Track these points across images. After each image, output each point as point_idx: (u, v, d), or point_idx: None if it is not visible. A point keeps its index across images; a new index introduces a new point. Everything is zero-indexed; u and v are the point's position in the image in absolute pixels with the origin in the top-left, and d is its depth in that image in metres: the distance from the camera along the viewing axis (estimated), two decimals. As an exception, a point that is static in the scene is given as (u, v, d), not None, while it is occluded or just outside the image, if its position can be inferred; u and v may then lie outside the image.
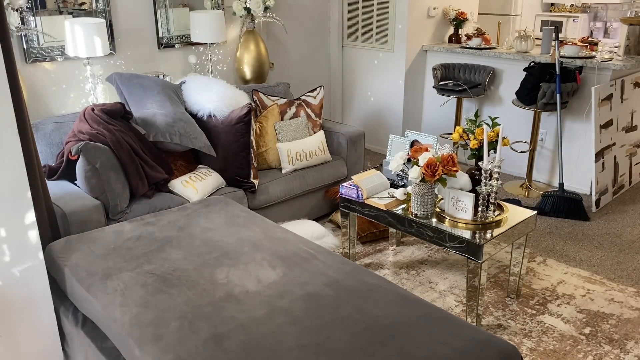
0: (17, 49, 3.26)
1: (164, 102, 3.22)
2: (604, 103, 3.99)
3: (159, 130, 3.06)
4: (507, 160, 4.62)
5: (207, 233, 2.43)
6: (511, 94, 4.36)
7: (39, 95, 3.44)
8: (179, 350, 1.66)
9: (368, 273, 2.10)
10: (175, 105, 3.27)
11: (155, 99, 3.22)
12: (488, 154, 2.48)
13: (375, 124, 5.31)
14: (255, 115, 3.62)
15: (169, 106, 3.21)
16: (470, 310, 2.56)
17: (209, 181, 3.17)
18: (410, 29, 4.84)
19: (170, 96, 3.30)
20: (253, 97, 3.74)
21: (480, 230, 2.51)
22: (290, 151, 3.58)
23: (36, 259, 2.14)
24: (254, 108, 3.66)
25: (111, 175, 2.78)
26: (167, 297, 1.94)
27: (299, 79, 4.99)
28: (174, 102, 3.30)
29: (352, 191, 2.91)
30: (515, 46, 4.49)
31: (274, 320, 1.80)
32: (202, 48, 4.16)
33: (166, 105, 3.21)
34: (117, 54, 3.74)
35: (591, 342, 2.55)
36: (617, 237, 3.59)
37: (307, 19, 5.10)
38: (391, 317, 1.82)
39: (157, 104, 3.19)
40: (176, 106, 3.27)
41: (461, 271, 3.15)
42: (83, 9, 3.52)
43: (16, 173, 2.02)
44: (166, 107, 3.19)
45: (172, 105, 3.24)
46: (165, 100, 3.24)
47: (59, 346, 2.29)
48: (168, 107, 3.20)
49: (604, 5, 6.90)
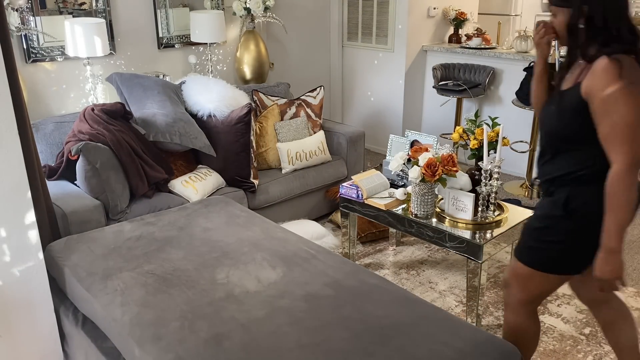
0: (17, 49, 3.26)
1: (164, 102, 3.22)
2: (604, 103, 3.98)
3: (159, 130, 3.06)
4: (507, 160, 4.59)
5: (207, 233, 2.43)
6: (511, 94, 4.36)
7: (39, 95, 3.44)
8: (179, 350, 1.66)
9: (368, 273, 2.10)
10: (175, 105, 3.27)
11: (155, 99, 3.22)
12: (488, 154, 2.48)
13: (375, 124, 5.31)
14: (255, 115, 3.61)
15: (169, 106, 3.21)
16: (470, 310, 2.55)
17: (209, 181, 3.17)
18: (410, 29, 4.83)
19: (170, 96, 3.30)
20: (253, 97, 3.74)
21: (480, 230, 2.51)
22: (290, 151, 3.58)
23: (36, 259, 2.13)
24: (254, 108, 3.66)
25: (111, 175, 2.77)
26: (167, 297, 1.94)
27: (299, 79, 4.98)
28: (174, 102, 3.30)
29: (352, 191, 2.90)
30: (515, 46, 4.48)
31: (274, 320, 1.80)
32: (202, 48, 4.16)
33: (166, 105, 3.21)
34: (117, 54, 3.74)
35: (591, 342, 2.55)
36: (617, 237, 3.59)
37: (307, 19, 5.10)
38: (391, 317, 1.82)
39: (157, 104, 3.19)
40: (176, 106, 3.27)
41: (461, 271, 3.15)
42: (83, 9, 3.52)
43: (16, 173, 2.02)
44: (166, 107, 3.19)
45: (172, 105, 3.24)
46: (165, 100, 3.24)
47: (59, 346, 2.29)
48: (168, 107, 3.20)
49: (604, 5, 6.90)
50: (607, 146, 1.62)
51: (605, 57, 1.59)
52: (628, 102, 1.56)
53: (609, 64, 1.57)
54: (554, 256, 1.81)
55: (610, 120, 1.59)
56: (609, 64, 1.57)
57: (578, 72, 1.70)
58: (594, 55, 1.62)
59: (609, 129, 1.60)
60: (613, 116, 1.58)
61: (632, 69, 1.58)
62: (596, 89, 1.60)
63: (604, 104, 1.59)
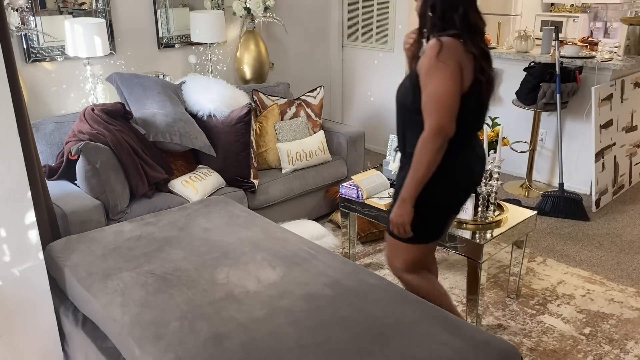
0: (17, 49, 3.26)
1: (164, 102, 3.22)
2: (604, 103, 3.99)
3: (159, 130, 3.06)
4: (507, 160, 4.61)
5: (207, 233, 2.43)
6: (511, 94, 4.36)
7: (39, 95, 3.44)
8: (179, 350, 1.66)
9: (368, 273, 2.10)
10: (175, 105, 3.27)
11: (156, 99, 3.22)
12: (488, 154, 2.48)
13: (375, 124, 5.31)
14: (255, 115, 3.61)
15: (169, 106, 3.21)
16: (470, 310, 2.55)
17: (209, 181, 3.17)
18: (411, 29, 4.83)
19: (170, 96, 3.30)
20: (253, 97, 3.74)
21: (480, 230, 2.51)
22: (290, 151, 3.58)
23: (36, 259, 2.13)
24: (254, 108, 3.66)
25: (111, 175, 2.77)
26: (167, 297, 1.94)
27: (299, 79, 4.98)
28: (174, 102, 3.30)
29: (352, 191, 2.91)
30: (515, 46, 4.48)
31: (274, 320, 1.80)
32: (202, 48, 4.16)
33: (166, 105, 3.21)
34: (117, 53, 3.74)
35: (591, 342, 2.55)
36: (617, 237, 3.59)
37: (307, 19, 5.10)
38: (391, 317, 1.82)
39: (157, 104, 3.19)
40: (176, 106, 3.27)
41: (461, 271, 3.15)
42: (83, 8, 3.52)
43: (16, 173, 2.02)
44: (166, 107, 3.19)
45: (172, 105, 3.24)
46: (165, 100, 3.24)
47: (59, 346, 2.29)
48: (168, 107, 3.19)
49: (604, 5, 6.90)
50: (424, 114, 1.88)
51: (434, 38, 1.86)
52: (438, 76, 1.82)
53: (432, 44, 1.85)
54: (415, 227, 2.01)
55: (426, 92, 1.86)
56: (432, 43, 1.85)
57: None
58: (429, 37, 1.93)
59: (425, 99, 1.87)
60: (428, 88, 1.85)
61: (452, 50, 1.83)
62: (422, 65, 1.88)
63: (424, 78, 1.87)
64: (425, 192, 1.94)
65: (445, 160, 1.90)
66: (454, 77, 1.82)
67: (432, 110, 1.84)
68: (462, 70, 1.84)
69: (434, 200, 1.99)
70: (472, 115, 1.97)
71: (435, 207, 2.02)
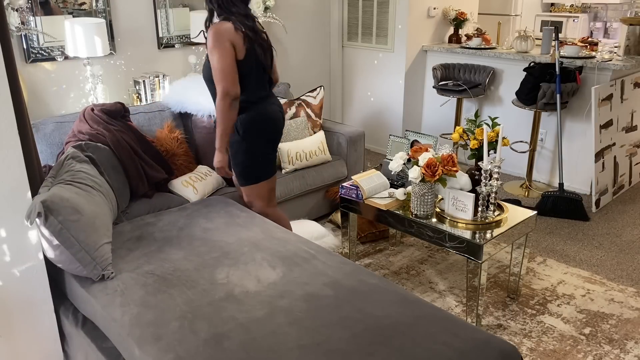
0: (17, 49, 3.26)
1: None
2: (604, 103, 3.99)
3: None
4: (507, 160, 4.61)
5: (207, 233, 2.43)
6: (511, 94, 4.36)
7: (39, 95, 3.44)
8: (179, 350, 1.66)
9: (368, 273, 2.10)
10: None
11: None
12: (488, 154, 2.48)
13: (375, 124, 5.31)
14: (255, 115, 3.61)
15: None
16: (470, 310, 2.55)
17: (209, 181, 3.17)
18: (410, 29, 4.83)
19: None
20: (253, 97, 3.74)
21: (480, 230, 2.51)
22: (290, 151, 3.58)
23: (36, 259, 2.14)
24: (254, 108, 3.66)
25: (111, 175, 2.77)
26: (167, 297, 1.94)
27: (299, 79, 4.99)
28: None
29: (352, 191, 2.90)
30: (515, 46, 4.48)
31: (274, 320, 1.80)
32: (202, 48, 4.16)
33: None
34: (117, 54, 3.74)
35: (591, 342, 2.55)
36: (617, 237, 3.59)
37: (307, 19, 5.10)
38: (391, 317, 1.82)
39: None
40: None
41: (461, 271, 3.15)
42: (83, 9, 3.52)
43: (16, 173, 2.02)
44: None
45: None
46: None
47: (59, 346, 2.29)
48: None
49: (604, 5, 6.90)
50: (215, 83, 2.47)
51: (212, 25, 2.48)
52: (215, 55, 2.42)
53: (211, 30, 2.46)
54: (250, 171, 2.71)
55: (212, 67, 2.45)
56: (211, 29, 2.46)
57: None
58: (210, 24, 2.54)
59: (213, 72, 2.46)
60: (213, 63, 2.45)
61: (223, 32, 2.42)
62: (207, 46, 2.48)
63: (209, 57, 2.49)
64: (242, 143, 2.62)
65: (246, 114, 2.58)
66: (227, 52, 2.42)
67: (218, 79, 2.44)
68: (234, 46, 2.44)
69: (249, 148, 2.64)
70: (256, 76, 2.57)
71: (252, 152, 2.65)
